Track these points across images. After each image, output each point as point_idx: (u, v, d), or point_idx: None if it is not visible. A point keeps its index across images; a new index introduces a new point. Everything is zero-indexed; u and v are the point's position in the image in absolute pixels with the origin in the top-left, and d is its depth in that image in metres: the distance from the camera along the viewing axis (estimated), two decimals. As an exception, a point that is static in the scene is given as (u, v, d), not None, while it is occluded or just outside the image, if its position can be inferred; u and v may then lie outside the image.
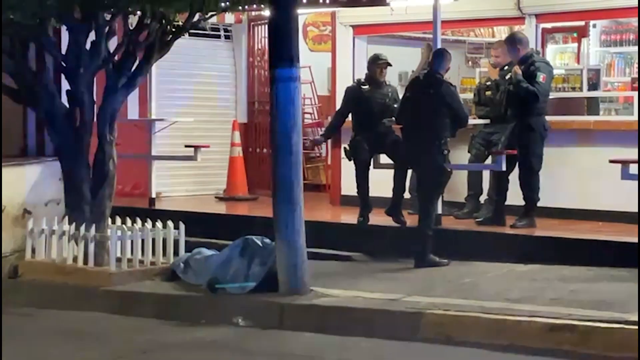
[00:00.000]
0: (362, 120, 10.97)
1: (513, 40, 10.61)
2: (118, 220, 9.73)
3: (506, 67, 10.95)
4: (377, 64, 10.99)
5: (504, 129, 10.58)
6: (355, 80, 11.38)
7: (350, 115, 11.23)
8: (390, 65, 11.08)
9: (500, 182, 10.55)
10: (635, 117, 10.86)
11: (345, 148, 11.20)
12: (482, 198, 11.12)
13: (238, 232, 9.33)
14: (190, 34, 12.37)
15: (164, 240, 9.51)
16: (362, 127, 10.95)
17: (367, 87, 11.00)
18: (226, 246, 9.21)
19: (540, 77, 10.22)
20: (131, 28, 9.77)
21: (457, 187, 11.13)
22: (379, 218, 10.73)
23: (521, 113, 10.32)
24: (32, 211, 10.45)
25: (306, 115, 14.93)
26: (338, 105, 11.71)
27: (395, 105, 10.67)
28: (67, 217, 9.67)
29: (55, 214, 10.10)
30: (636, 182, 9.13)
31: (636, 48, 12.61)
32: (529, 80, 10.19)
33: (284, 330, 7.84)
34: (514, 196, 10.43)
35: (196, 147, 12.27)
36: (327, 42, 14.44)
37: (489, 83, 11.25)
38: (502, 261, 9.51)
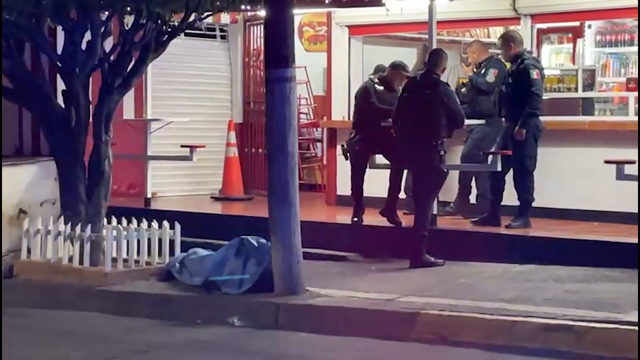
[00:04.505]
0: (363, 119, 10.93)
1: (507, 38, 10.63)
2: (114, 220, 9.72)
3: (482, 64, 11.09)
4: (400, 74, 10.86)
5: (498, 129, 10.61)
6: (368, 78, 11.33)
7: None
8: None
9: (495, 183, 10.56)
10: (630, 117, 10.90)
11: (342, 146, 11.20)
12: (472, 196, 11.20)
13: (233, 232, 9.32)
14: (186, 34, 12.37)
15: (160, 240, 9.50)
16: (361, 126, 10.91)
17: (381, 88, 10.96)
18: (222, 246, 9.21)
19: (534, 73, 10.21)
20: (127, 28, 9.75)
21: (452, 187, 11.13)
22: (374, 218, 10.73)
23: (514, 113, 10.32)
24: (27, 211, 10.43)
25: (302, 116, 14.93)
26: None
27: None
28: (62, 217, 9.66)
29: (51, 214, 10.09)
30: (630, 182, 9.15)
31: (631, 48, 12.65)
32: (523, 79, 10.20)
33: (279, 330, 7.85)
34: (509, 196, 10.44)
35: (192, 147, 12.25)
36: (322, 42, 14.43)
37: (464, 81, 11.36)
38: (498, 261, 9.51)
